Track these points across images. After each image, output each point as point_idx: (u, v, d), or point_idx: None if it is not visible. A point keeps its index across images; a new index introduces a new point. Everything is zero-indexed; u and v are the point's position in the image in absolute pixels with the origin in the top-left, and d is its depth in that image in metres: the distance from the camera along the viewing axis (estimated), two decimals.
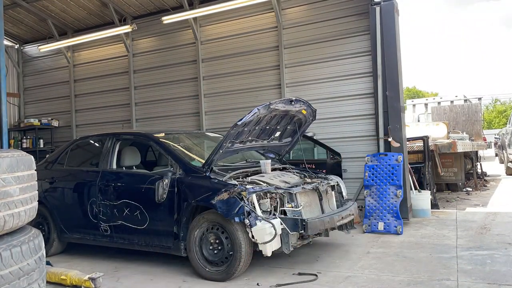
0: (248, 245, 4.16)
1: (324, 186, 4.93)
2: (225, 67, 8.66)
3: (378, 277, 4.14)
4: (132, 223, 4.87)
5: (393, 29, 6.85)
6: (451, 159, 9.71)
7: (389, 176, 6.25)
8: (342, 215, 4.78)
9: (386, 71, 6.89)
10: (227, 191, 4.18)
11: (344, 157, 7.09)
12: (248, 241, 4.13)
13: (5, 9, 9.24)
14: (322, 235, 4.79)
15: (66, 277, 4.31)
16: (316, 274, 4.29)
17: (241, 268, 4.20)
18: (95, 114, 10.27)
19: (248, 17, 8.41)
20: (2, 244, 2.39)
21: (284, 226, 4.12)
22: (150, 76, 9.52)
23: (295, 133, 5.63)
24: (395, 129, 6.77)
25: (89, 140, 6.12)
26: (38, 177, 2.87)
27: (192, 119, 9.03)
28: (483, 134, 14.81)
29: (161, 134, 5.40)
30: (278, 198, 4.35)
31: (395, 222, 5.97)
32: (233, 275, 4.21)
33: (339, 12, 7.60)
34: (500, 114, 46.98)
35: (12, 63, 11.19)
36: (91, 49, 10.29)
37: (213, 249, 4.31)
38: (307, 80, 7.87)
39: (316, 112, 5.52)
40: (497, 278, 3.91)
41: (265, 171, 5.02)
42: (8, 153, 2.55)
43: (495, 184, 11.38)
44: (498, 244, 5.07)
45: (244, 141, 5.03)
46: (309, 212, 4.58)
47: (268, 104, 4.60)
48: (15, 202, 2.50)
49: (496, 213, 7.06)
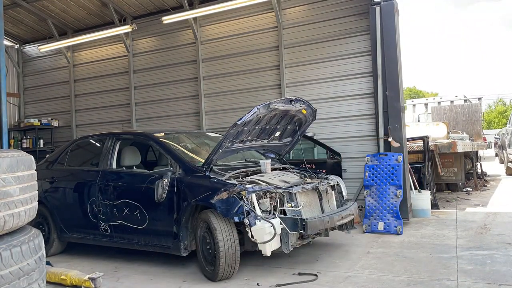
0: (229, 244, 4.11)
1: (324, 186, 4.92)
2: (225, 67, 8.66)
3: (378, 277, 4.14)
4: (131, 222, 4.87)
5: (393, 29, 6.85)
6: (451, 159, 9.71)
7: (389, 176, 6.25)
8: (342, 215, 4.76)
9: (386, 71, 6.89)
10: (227, 191, 4.17)
11: (344, 157, 7.09)
12: (230, 240, 4.11)
13: (5, 9, 9.24)
14: (322, 235, 4.82)
15: (66, 277, 4.31)
16: (316, 274, 4.29)
17: (224, 267, 4.12)
18: (95, 114, 10.27)
19: (248, 17, 8.41)
20: (2, 244, 2.39)
21: (283, 225, 4.11)
22: (150, 76, 9.52)
23: (295, 133, 5.62)
24: (395, 129, 6.77)
25: (89, 140, 6.13)
26: (38, 177, 2.87)
27: (192, 119, 9.03)
28: (483, 134, 14.82)
29: (161, 134, 5.40)
30: (278, 198, 4.34)
31: (395, 222, 5.97)
32: (218, 275, 4.15)
33: (339, 12, 7.60)
34: (500, 114, 46.98)
35: (12, 63, 11.19)
36: (91, 49, 10.29)
37: (208, 249, 4.32)
38: (307, 80, 7.87)
39: (316, 112, 5.51)
40: (497, 278, 3.91)
41: (265, 170, 5.02)
42: (8, 153, 2.55)
43: (495, 184, 11.37)
44: (498, 244, 5.07)
45: (244, 141, 5.03)
46: (309, 212, 4.57)
47: (268, 103, 4.59)
48: (15, 202, 2.50)
49: (496, 213, 7.06)
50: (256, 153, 5.84)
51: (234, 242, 4.16)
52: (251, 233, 4.01)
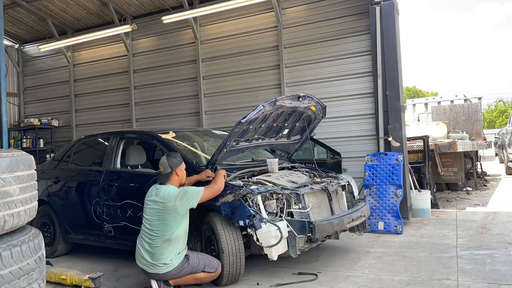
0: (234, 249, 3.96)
1: (334, 186, 4.69)
2: (225, 67, 8.66)
3: (378, 277, 4.14)
4: (135, 224, 4.70)
5: (393, 29, 6.85)
6: (451, 158, 9.71)
7: (389, 175, 6.25)
8: (352, 217, 4.52)
9: (386, 71, 6.89)
10: (232, 193, 3.99)
11: (344, 157, 7.08)
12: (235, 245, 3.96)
13: (5, 9, 9.25)
14: (332, 237, 4.62)
15: (66, 277, 4.31)
16: (316, 274, 4.28)
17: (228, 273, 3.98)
18: (95, 114, 10.27)
19: (248, 17, 8.41)
20: (2, 244, 2.39)
21: (290, 228, 3.90)
22: (150, 76, 9.53)
23: (304, 130, 5.40)
24: (395, 128, 6.77)
25: (94, 139, 6.02)
26: (43, 177, 2.86)
27: (192, 119, 9.03)
28: (483, 133, 14.82)
29: (170, 133, 5.24)
30: (285, 199, 4.14)
31: (395, 221, 5.97)
32: (223, 281, 4.03)
33: (339, 11, 7.60)
34: (502, 113, 46.95)
35: (12, 63, 11.18)
36: (91, 49, 10.30)
37: (213, 252, 4.20)
38: (307, 80, 7.87)
39: (326, 109, 5.31)
40: (497, 278, 3.91)
41: (272, 170, 4.80)
42: (8, 153, 2.55)
43: (495, 183, 11.38)
44: (498, 244, 5.07)
45: (250, 139, 4.86)
46: (318, 214, 4.36)
47: (274, 100, 4.41)
48: (15, 202, 2.50)
49: (496, 212, 7.06)
50: (266, 152, 5.67)
51: (239, 247, 4.00)
52: (256, 236, 3.84)
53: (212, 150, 5.15)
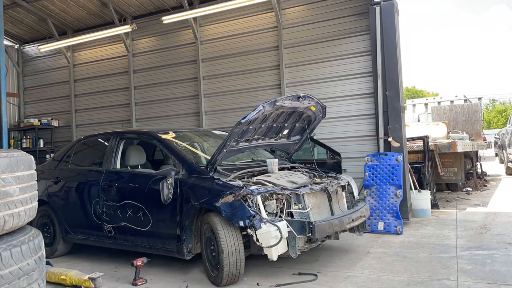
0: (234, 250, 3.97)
1: (333, 186, 4.70)
2: (225, 67, 8.66)
3: (378, 277, 4.14)
4: (135, 224, 4.75)
5: (393, 29, 6.85)
6: (451, 159, 9.71)
7: (389, 176, 6.25)
8: (352, 217, 4.52)
9: (386, 71, 6.89)
10: (232, 194, 3.98)
11: (344, 157, 7.07)
12: (235, 246, 3.97)
13: (5, 9, 9.25)
14: (332, 238, 4.63)
15: (66, 277, 4.31)
16: (316, 274, 4.28)
17: (228, 273, 4.00)
18: (95, 114, 10.27)
19: (248, 17, 8.41)
20: (2, 244, 2.39)
21: (290, 229, 3.92)
22: (150, 76, 9.52)
23: (304, 130, 5.41)
24: (395, 129, 6.77)
25: (93, 139, 6.01)
26: (43, 177, 2.86)
27: (192, 119, 9.02)
28: (483, 134, 14.82)
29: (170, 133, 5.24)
30: (285, 200, 4.15)
31: (395, 222, 5.97)
32: (222, 281, 4.04)
33: (339, 12, 7.60)
34: (499, 114, 46.98)
35: (12, 63, 11.18)
36: (91, 49, 10.29)
37: (213, 252, 4.20)
38: (307, 80, 7.87)
39: (326, 109, 5.32)
40: (497, 278, 3.91)
41: (272, 170, 4.80)
42: (8, 153, 2.55)
43: (495, 184, 11.37)
44: (498, 244, 5.07)
45: (250, 140, 4.86)
46: (318, 214, 4.37)
47: (274, 100, 4.41)
48: (15, 202, 2.50)
49: (496, 213, 7.06)
50: (266, 152, 5.67)
51: (238, 247, 4.01)
52: (256, 236, 3.84)
53: (212, 150, 5.14)
